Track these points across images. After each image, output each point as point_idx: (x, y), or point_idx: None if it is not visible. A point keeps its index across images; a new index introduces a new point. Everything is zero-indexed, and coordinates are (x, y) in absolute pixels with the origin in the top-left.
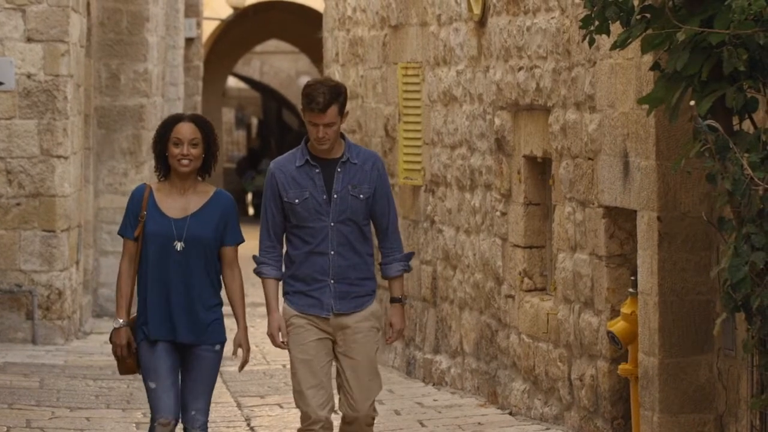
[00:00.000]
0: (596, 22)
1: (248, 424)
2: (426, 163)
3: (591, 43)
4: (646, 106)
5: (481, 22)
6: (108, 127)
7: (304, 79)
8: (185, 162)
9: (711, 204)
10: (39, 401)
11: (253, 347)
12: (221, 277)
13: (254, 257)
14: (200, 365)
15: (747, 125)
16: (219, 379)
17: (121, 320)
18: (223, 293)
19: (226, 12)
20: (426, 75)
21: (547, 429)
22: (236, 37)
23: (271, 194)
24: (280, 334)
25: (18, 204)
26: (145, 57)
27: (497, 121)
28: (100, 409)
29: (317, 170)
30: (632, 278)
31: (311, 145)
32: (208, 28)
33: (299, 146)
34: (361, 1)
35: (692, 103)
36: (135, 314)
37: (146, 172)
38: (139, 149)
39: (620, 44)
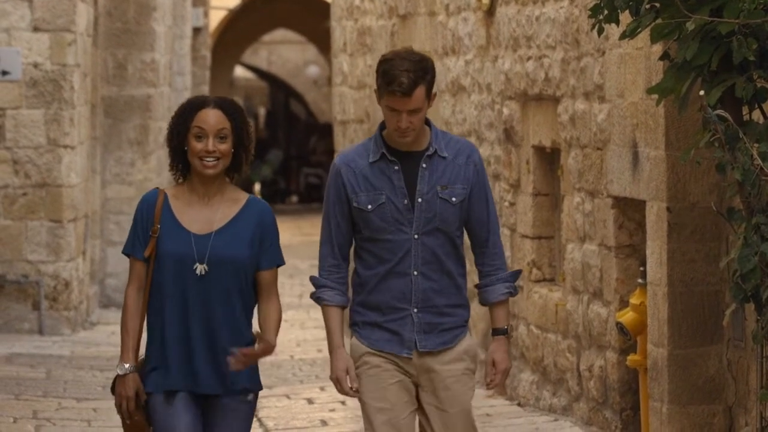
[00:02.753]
0: (605, 12)
1: (255, 416)
2: None
3: (600, 32)
4: (656, 96)
5: (490, 12)
6: (115, 117)
7: (311, 69)
8: (210, 161)
9: (720, 194)
10: (46, 392)
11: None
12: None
13: (312, 279)
14: (228, 421)
15: (757, 115)
16: None
17: (126, 365)
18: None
19: (233, 1)
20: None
21: (556, 420)
22: (244, 26)
23: (335, 198)
24: (348, 377)
25: (24, 194)
26: (152, 47)
27: (506, 111)
28: (107, 400)
29: (396, 167)
30: (641, 269)
31: (388, 134)
32: (216, 17)
33: (372, 136)
34: None
35: (702, 93)
36: (143, 355)
37: (153, 163)
38: (146, 139)
39: (629, 34)
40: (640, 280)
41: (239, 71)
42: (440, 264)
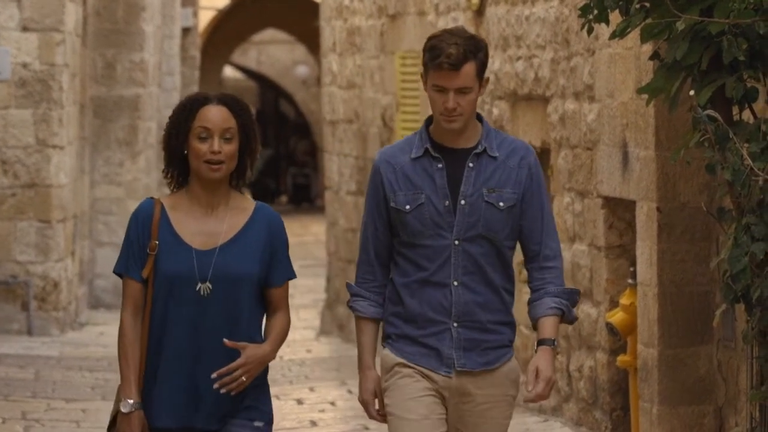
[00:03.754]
0: (595, 11)
1: None
2: None
3: (590, 32)
4: (646, 96)
5: (479, 12)
6: (104, 117)
7: (300, 69)
8: (215, 164)
9: (711, 194)
10: (34, 393)
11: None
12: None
13: (348, 286)
14: None
15: (747, 115)
16: None
17: (130, 401)
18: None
19: (222, 1)
20: None
21: (546, 420)
22: (233, 26)
23: (373, 198)
24: (376, 400)
25: (13, 194)
26: (141, 47)
27: (495, 111)
28: (96, 401)
29: (440, 164)
30: (631, 269)
31: (435, 127)
32: (205, 17)
33: (418, 131)
34: None
35: (692, 92)
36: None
37: (142, 163)
38: (135, 139)
39: (619, 33)
40: (630, 281)
41: (228, 71)
42: (483, 275)
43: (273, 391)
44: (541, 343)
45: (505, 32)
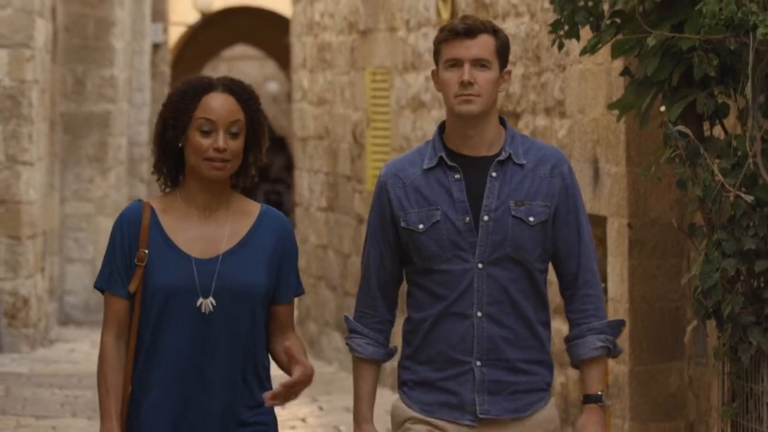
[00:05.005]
0: (566, 27)
1: None
2: None
3: (560, 47)
4: (616, 112)
5: None
6: (74, 133)
7: (271, 85)
8: (219, 163)
9: (682, 210)
10: (4, 410)
11: None
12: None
13: (346, 319)
14: None
15: (718, 131)
16: None
17: None
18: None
19: (193, 17)
20: (394, 80)
21: None
22: (203, 42)
23: (378, 219)
24: None
25: None
26: (111, 62)
27: None
28: (66, 417)
29: (457, 175)
30: (602, 285)
31: (450, 132)
32: (175, 33)
33: (431, 139)
34: (329, 6)
35: (663, 108)
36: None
37: (112, 179)
38: (105, 156)
39: (590, 49)
40: None
41: None
42: (513, 305)
43: None
44: (587, 399)
45: None
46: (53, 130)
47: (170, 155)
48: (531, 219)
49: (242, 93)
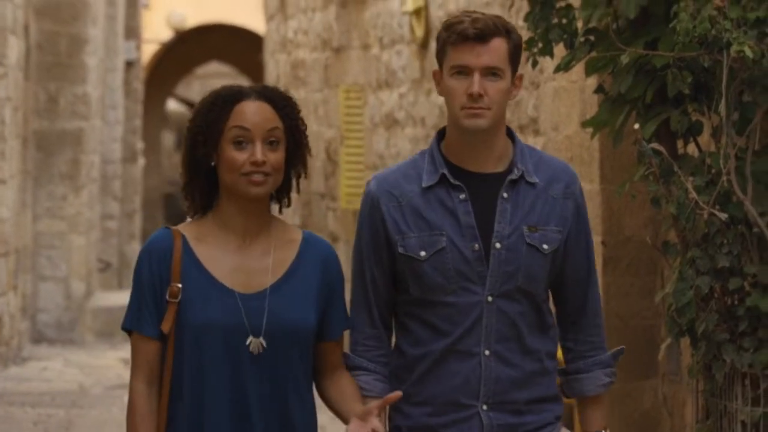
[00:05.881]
0: (540, 44)
1: None
2: None
3: (534, 65)
4: (590, 130)
5: (424, 45)
6: (46, 150)
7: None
8: (259, 177)
9: (656, 228)
10: None
11: None
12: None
13: (345, 357)
14: None
15: (692, 148)
16: None
17: None
18: None
19: (166, 34)
20: (368, 98)
21: None
22: (176, 59)
23: (370, 241)
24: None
25: None
26: (84, 80)
27: None
28: None
29: (462, 195)
30: None
31: (450, 143)
32: (149, 50)
33: (425, 150)
34: (302, 24)
35: (636, 126)
36: None
37: (85, 197)
38: (78, 173)
39: (564, 67)
40: None
41: (172, 105)
42: (521, 340)
43: None
44: None
45: None
46: (26, 148)
47: (202, 176)
48: (545, 247)
49: (279, 99)
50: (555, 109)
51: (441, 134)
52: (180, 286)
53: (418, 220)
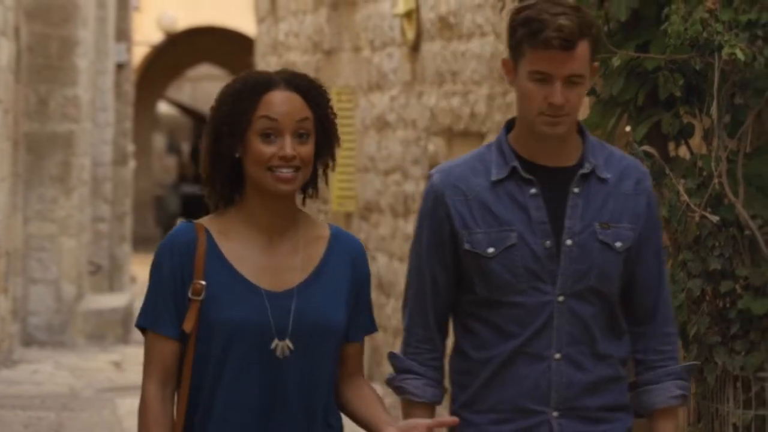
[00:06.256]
0: None
1: None
2: (359, 189)
3: None
4: None
5: (415, 47)
6: (37, 153)
7: None
8: (288, 171)
9: None
10: None
11: None
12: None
13: (393, 358)
14: None
15: (683, 151)
16: None
17: None
18: None
19: (157, 37)
20: (359, 100)
21: None
22: (167, 61)
23: (432, 236)
24: None
25: None
26: (74, 82)
27: (431, 147)
28: None
29: (533, 189)
30: None
31: (520, 136)
32: (140, 53)
33: (492, 142)
34: (293, 26)
35: (628, 128)
36: None
37: (76, 200)
38: (68, 176)
39: None
40: None
41: (163, 107)
42: (593, 344)
43: None
44: None
45: (440, 68)
46: (16, 150)
47: (225, 168)
48: (618, 244)
49: (308, 88)
50: None
51: (508, 126)
52: (203, 282)
53: (487, 215)
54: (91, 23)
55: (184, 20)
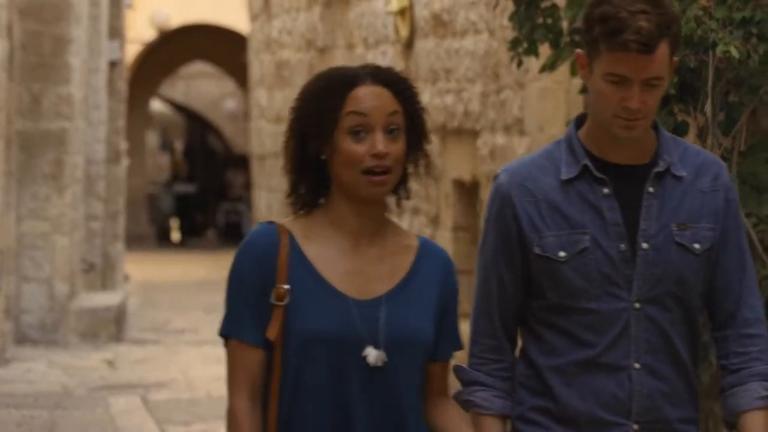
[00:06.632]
0: (525, 45)
1: None
2: None
3: (519, 65)
4: None
5: (408, 45)
6: (30, 151)
7: (229, 102)
8: (380, 175)
9: None
10: None
11: (178, 375)
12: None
13: (459, 370)
14: None
15: None
16: (143, 407)
17: None
18: None
19: (150, 35)
20: None
21: None
22: (160, 59)
23: (499, 237)
24: None
25: None
26: (67, 80)
27: None
28: None
29: (606, 189)
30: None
31: (591, 133)
32: (133, 50)
33: (561, 139)
34: (287, 24)
35: None
36: None
37: (69, 198)
38: (61, 174)
39: (549, 67)
40: None
41: (156, 105)
42: (672, 352)
43: (201, 427)
44: None
45: (434, 66)
46: (9, 148)
47: (311, 172)
48: (696, 246)
49: (396, 82)
50: (540, 109)
51: (578, 122)
52: (287, 287)
53: (557, 217)
54: (84, 21)
55: (177, 18)
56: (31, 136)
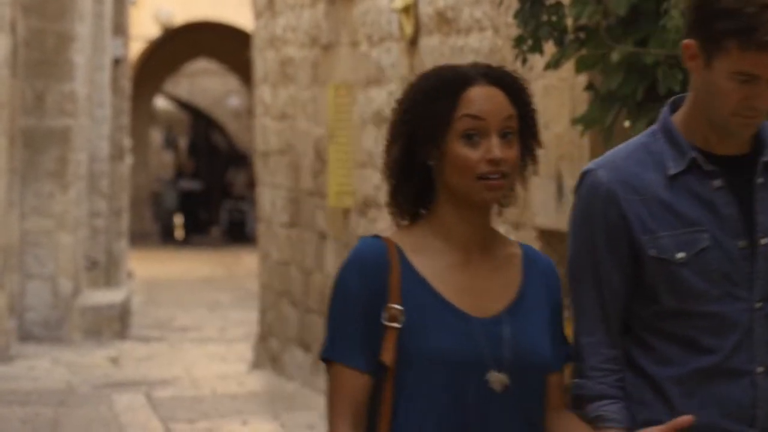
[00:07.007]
0: (529, 42)
1: None
2: (357, 184)
3: (524, 62)
4: (580, 128)
5: (413, 42)
6: (33, 148)
7: (232, 100)
8: (496, 180)
9: None
10: None
11: (182, 372)
12: None
13: (578, 386)
14: None
15: None
16: (147, 405)
17: None
18: None
19: (154, 31)
20: (357, 95)
21: None
22: (164, 56)
23: (606, 241)
24: None
25: None
26: (71, 77)
27: None
28: None
29: (717, 182)
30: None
31: (690, 123)
32: (136, 48)
33: (653, 130)
34: (291, 21)
35: (627, 124)
36: None
37: (72, 195)
38: (65, 171)
39: (554, 64)
40: (566, 314)
41: (160, 102)
42: None
43: (205, 425)
44: None
45: (438, 63)
46: (13, 146)
47: (416, 178)
48: None
49: (511, 82)
50: (545, 107)
51: (674, 105)
52: (401, 308)
53: (670, 215)
54: (87, 18)
55: (181, 15)
56: (35, 133)
